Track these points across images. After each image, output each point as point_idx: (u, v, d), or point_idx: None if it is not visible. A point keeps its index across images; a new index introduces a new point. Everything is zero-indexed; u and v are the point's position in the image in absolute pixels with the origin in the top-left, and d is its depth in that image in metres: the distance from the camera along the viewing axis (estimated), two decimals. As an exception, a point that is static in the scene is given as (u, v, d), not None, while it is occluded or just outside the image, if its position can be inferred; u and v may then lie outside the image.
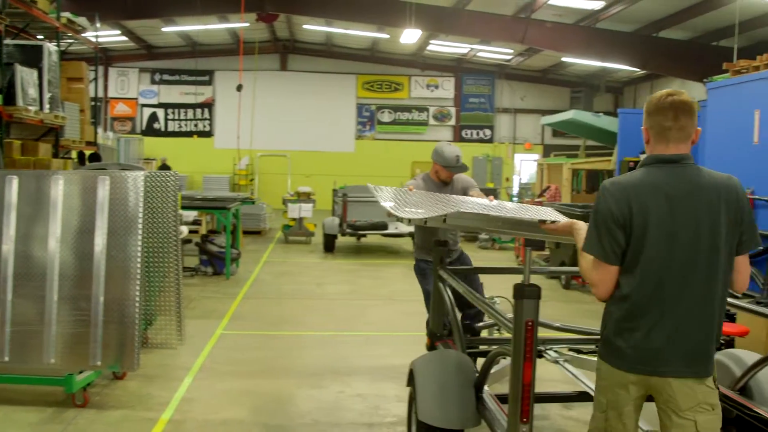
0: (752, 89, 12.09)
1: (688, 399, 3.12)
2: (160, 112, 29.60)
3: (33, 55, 10.86)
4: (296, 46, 29.41)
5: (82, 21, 13.32)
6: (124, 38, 25.67)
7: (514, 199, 23.51)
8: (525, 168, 30.75)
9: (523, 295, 3.52)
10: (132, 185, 6.27)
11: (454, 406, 4.48)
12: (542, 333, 6.23)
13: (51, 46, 11.26)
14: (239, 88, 20.54)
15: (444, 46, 25.93)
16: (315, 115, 29.80)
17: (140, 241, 6.16)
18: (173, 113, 29.63)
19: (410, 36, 20.82)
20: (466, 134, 30.82)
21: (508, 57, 26.84)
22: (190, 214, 13.93)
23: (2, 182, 6.34)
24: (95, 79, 14.73)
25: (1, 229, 6.24)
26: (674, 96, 3.23)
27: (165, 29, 23.81)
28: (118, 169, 7.74)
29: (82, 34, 13.70)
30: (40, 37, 13.05)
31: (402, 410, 5.81)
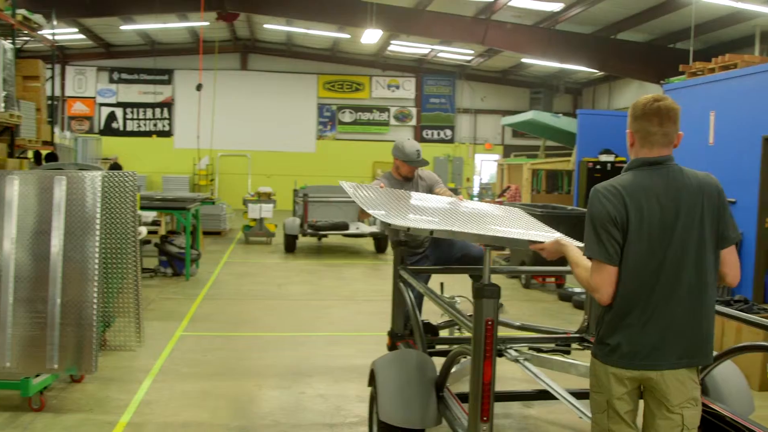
0: (707, 91, 12.30)
1: (679, 394, 3.24)
2: (119, 112, 29.24)
3: (-13, 53, 10.68)
4: (257, 45, 29.27)
5: (38, 18, 13.11)
6: (82, 36, 25.33)
7: (475, 199, 23.64)
8: (485, 168, 30.93)
9: (483, 295, 3.55)
10: (89, 185, 6.19)
11: (415, 405, 4.50)
12: (502, 332, 6.29)
13: (6, 44, 11.07)
14: (199, 87, 20.41)
15: (405, 47, 25.97)
16: (276, 115, 29.67)
17: (98, 242, 6.10)
18: (132, 113, 29.30)
19: (371, 36, 20.84)
20: (427, 134, 30.90)
21: (469, 58, 26.97)
22: (149, 215, 13.78)
23: (-44, 182, 6.23)
24: (52, 77, 14.51)
25: (-46, 231, 6.14)
26: (660, 101, 3.30)
27: (123, 27, 23.53)
28: (76, 169, 7.65)
29: (39, 32, 13.47)
30: (-6, 34, 12.83)
31: (363, 410, 5.82)
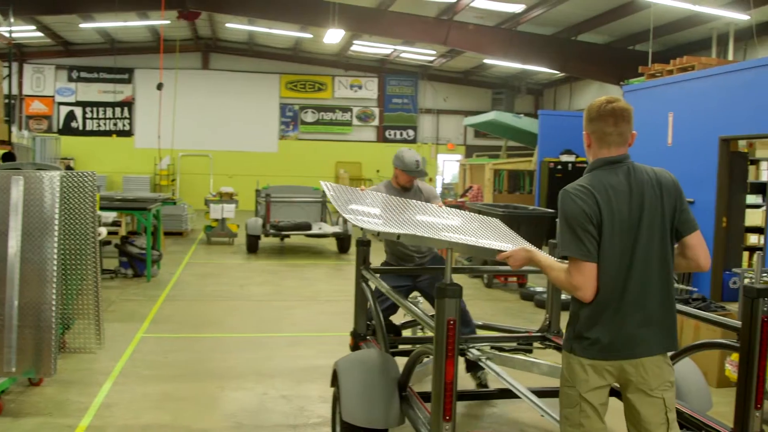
0: (666, 92, 12.48)
1: (657, 378, 3.37)
2: (78, 111, 28.85)
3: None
4: (218, 44, 29.07)
5: (-6, 16, 12.94)
6: (40, 34, 24.94)
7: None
8: (448, 168, 31.03)
9: (445, 295, 3.56)
10: (48, 185, 6.12)
11: (378, 405, 4.51)
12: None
13: (-38, 42, 10.90)
14: (160, 86, 20.22)
15: (367, 47, 25.96)
16: (238, 115, 29.49)
17: (56, 243, 6.02)
18: (92, 112, 28.92)
19: (333, 36, 20.81)
20: (390, 135, 30.94)
21: (431, 58, 27.04)
22: (110, 215, 13.65)
23: None
24: (9, 75, 14.30)
25: None
26: (614, 103, 3.42)
27: (83, 25, 23.21)
28: (34, 168, 7.54)
29: (-5, 30, 13.29)
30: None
31: (326, 411, 5.81)
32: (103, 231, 11.35)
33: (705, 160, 11.18)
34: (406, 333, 6.80)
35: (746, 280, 4.17)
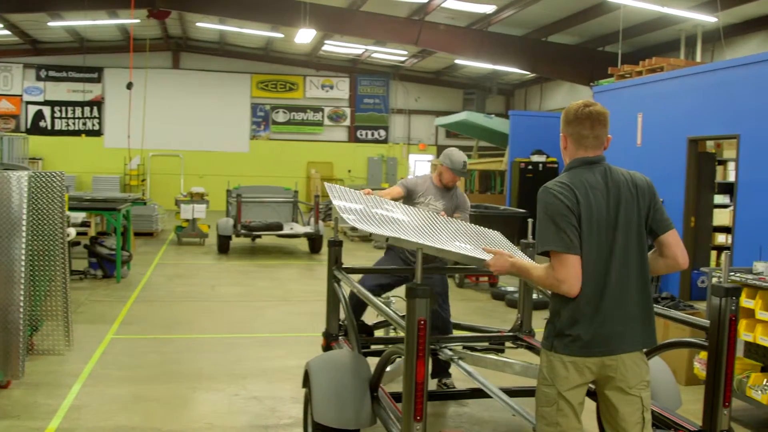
0: (635, 93, 12.60)
1: (635, 376, 3.40)
2: (47, 110, 28.52)
3: None
4: (189, 44, 28.88)
5: (-39, 14, 12.77)
6: (7, 32, 24.63)
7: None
8: (419, 168, 31.08)
9: (416, 295, 3.57)
10: (15, 186, 6.05)
11: (349, 406, 4.50)
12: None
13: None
14: (129, 86, 20.07)
15: (339, 47, 25.93)
16: (208, 115, 29.32)
17: (24, 244, 5.96)
18: (60, 111, 28.61)
19: (305, 36, 20.75)
20: (361, 135, 30.94)
21: (403, 58, 27.07)
22: (79, 216, 13.56)
23: None
24: (-24, 75, 14.12)
25: None
26: (591, 107, 3.49)
27: (51, 24, 22.97)
28: (1, 168, 7.46)
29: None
30: None
31: (298, 411, 5.80)
32: (72, 232, 11.25)
33: (674, 160, 11.30)
34: (379, 333, 6.80)
35: (714, 280, 4.22)
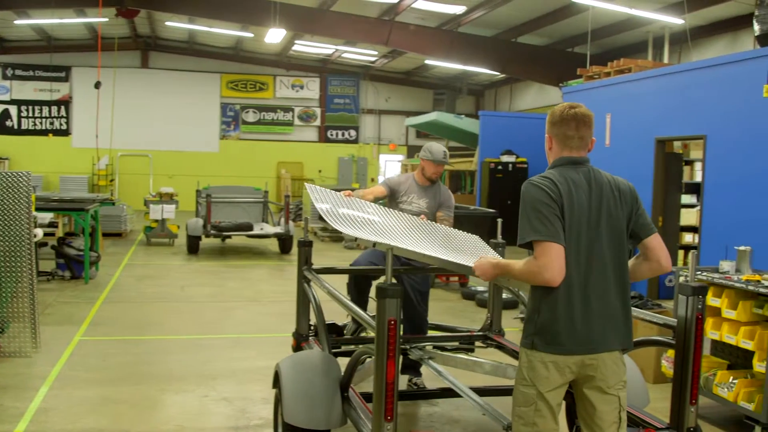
0: (604, 94, 12.71)
1: (614, 375, 3.42)
2: (13, 109, 28.18)
3: None
4: (158, 43, 28.68)
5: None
6: (-27, 31, 24.40)
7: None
8: (390, 168, 31.12)
9: (386, 295, 3.57)
10: (-19, 186, 5.98)
11: (320, 406, 4.50)
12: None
13: None
14: (97, 85, 19.89)
15: (309, 47, 25.89)
16: (178, 115, 29.14)
17: (-9, 245, 5.89)
18: (27, 110, 28.28)
19: (275, 36, 20.70)
20: (332, 135, 30.92)
21: (373, 59, 27.08)
22: (46, 216, 13.40)
23: None
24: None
25: None
26: (576, 108, 3.52)
27: (18, 22, 22.70)
28: (-34, 169, 7.38)
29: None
30: None
31: (268, 412, 5.78)
32: (39, 232, 11.10)
33: (642, 160, 11.42)
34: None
35: (681, 279, 4.27)
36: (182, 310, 10.46)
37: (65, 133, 28.57)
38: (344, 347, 6.08)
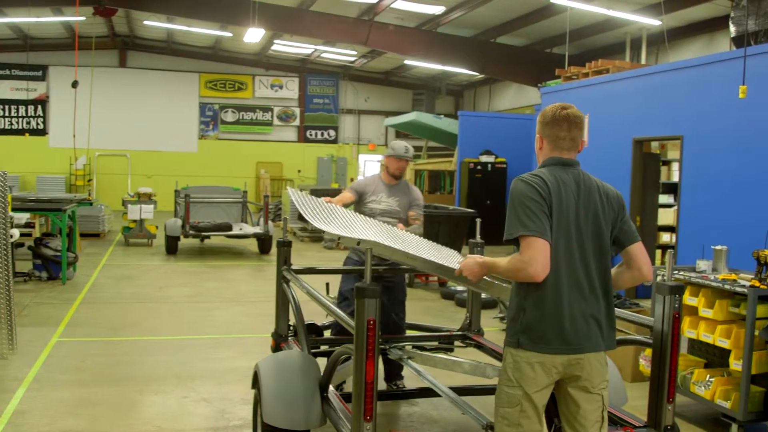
0: (582, 94, 12.77)
1: (599, 375, 3.44)
2: (-11, 108, 28.04)
3: None
4: (136, 42, 28.53)
5: None
6: (-52, 29, 24.16)
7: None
8: (369, 168, 31.11)
9: (365, 295, 3.57)
10: (-43, 187, 5.93)
11: (299, 406, 4.50)
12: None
13: None
14: (75, 84, 19.77)
15: (288, 47, 25.84)
16: (156, 114, 29.00)
17: (-34, 246, 5.84)
18: (3, 110, 28.01)
19: (254, 35, 20.64)
20: (311, 135, 30.88)
21: (352, 59, 27.07)
22: (23, 216, 13.27)
23: None
24: None
25: None
26: (568, 109, 3.52)
27: (-7, 21, 22.59)
28: (-58, 169, 7.31)
29: None
30: None
31: (248, 413, 5.78)
32: (16, 233, 11.04)
33: (620, 160, 11.49)
34: (328, 333, 6.79)
35: (659, 278, 4.29)
36: (161, 311, 10.41)
37: (42, 132, 28.36)
38: (323, 347, 6.08)
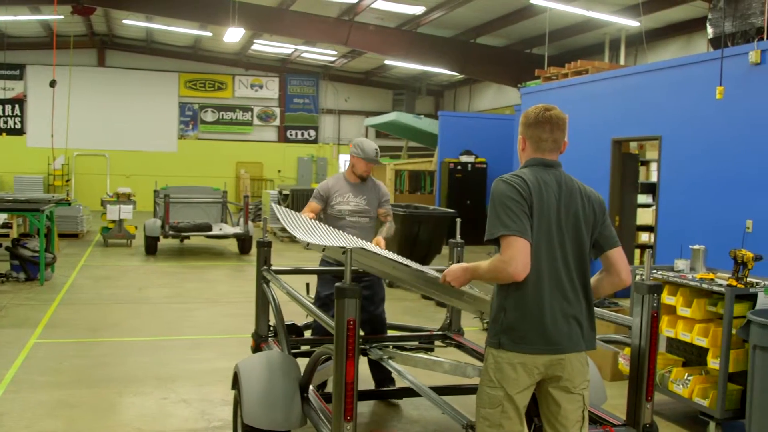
0: (561, 95, 12.83)
1: (580, 375, 3.45)
2: (-34, 108, 27.78)
3: None
4: (115, 41, 28.35)
5: None
6: (-77, 28, 23.91)
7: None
8: (350, 168, 31.03)
9: (345, 295, 3.57)
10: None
11: (280, 407, 4.49)
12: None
13: None
14: (53, 83, 19.60)
15: (268, 46, 25.78)
16: (135, 114, 28.81)
17: (-57, 247, 5.79)
18: (-20, 109, 27.89)
19: (233, 35, 20.57)
20: (291, 135, 30.82)
21: (333, 59, 27.04)
22: (0, 217, 13.19)
23: None
24: None
25: None
26: (551, 111, 3.52)
27: (-30, 19, 22.37)
28: None
29: None
30: None
31: (228, 414, 5.76)
32: (-7, 233, 10.97)
33: (599, 161, 11.55)
34: (309, 333, 6.78)
35: (637, 277, 4.33)
36: (140, 312, 10.36)
37: (19, 132, 28.13)
38: (304, 348, 6.08)
